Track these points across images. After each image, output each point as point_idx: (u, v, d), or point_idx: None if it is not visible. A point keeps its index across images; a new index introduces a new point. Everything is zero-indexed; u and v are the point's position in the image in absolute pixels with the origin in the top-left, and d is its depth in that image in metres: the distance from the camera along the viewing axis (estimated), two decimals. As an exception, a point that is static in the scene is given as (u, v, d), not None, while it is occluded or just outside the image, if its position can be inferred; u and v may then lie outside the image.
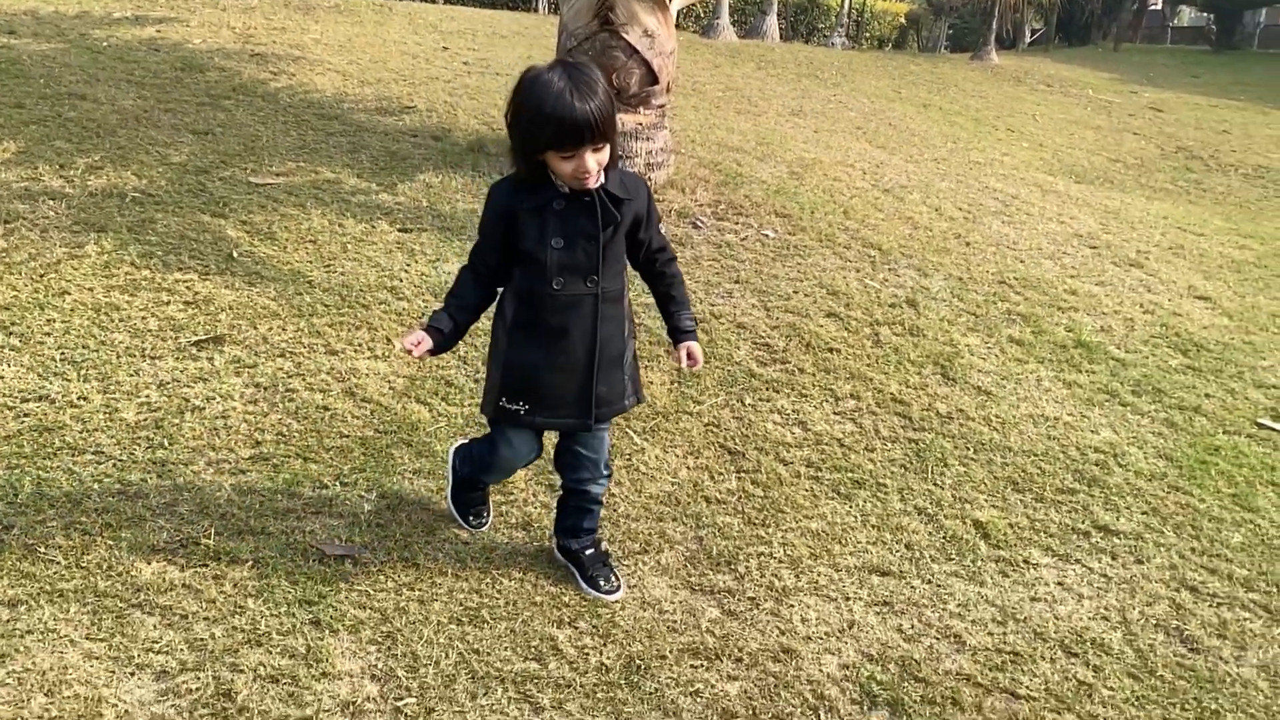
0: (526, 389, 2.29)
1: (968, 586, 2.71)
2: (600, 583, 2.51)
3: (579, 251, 2.20)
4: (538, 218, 2.18)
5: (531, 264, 2.21)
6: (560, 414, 2.32)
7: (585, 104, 2.04)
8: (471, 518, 2.66)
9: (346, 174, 4.76)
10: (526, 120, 2.09)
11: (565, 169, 2.11)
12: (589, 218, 2.20)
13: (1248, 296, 5.36)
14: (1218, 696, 2.42)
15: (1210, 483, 3.37)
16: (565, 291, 2.21)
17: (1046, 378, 3.97)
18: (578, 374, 2.29)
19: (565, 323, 2.24)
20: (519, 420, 2.32)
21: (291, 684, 2.15)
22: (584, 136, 2.06)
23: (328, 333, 3.46)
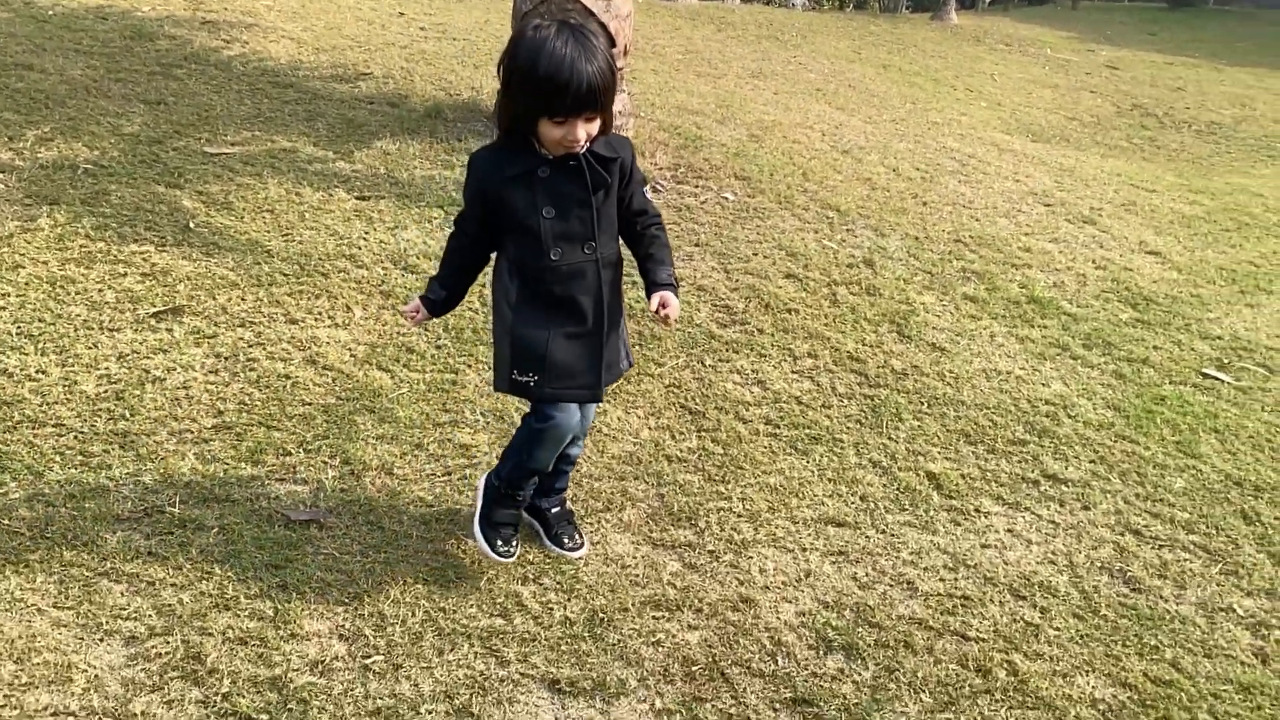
0: (536, 360, 2.19)
1: (920, 535, 2.79)
2: (564, 540, 2.55)
3: (573, 219, 2.12)
4: (524, 187, 2.09)
5: (526, 235, 2.13)
6: (571, 385, 2.24)
7: (591, 67, 1.93)
8: (500, 543, 2.42)
9: (303, 142, 4.73)
10: (523, 82, 1.97)
11: (553, 135, 2.02)
12: (577, 183, 2.11)
13: (1196, 251, 5.48)
14: (1157, 633, 2.53)
15: (1155, 431, 3.47)
16: (564, 261, 2.13)
17: (1000, 333, 4.06)
18: (588, 343, 2.21)
19: (570, 292, 2.17)
20: (530, 393, 2.24)
21: (260, 645, 2.19)
22: (582, 104, 1.96)
23: (287, 302, 3.46)
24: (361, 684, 2.14)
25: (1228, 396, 3.80)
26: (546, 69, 1.92)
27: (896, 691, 2.27)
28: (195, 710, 2.03)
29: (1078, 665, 2.40)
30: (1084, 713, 2.27)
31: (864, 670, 2.32)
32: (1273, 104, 10.70)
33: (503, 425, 3.01)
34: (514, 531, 2.46)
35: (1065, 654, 2.43)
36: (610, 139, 2.15)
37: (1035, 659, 2.40)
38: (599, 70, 1.95)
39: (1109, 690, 2.34)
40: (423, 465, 2.80)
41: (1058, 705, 2.28)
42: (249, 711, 2.04)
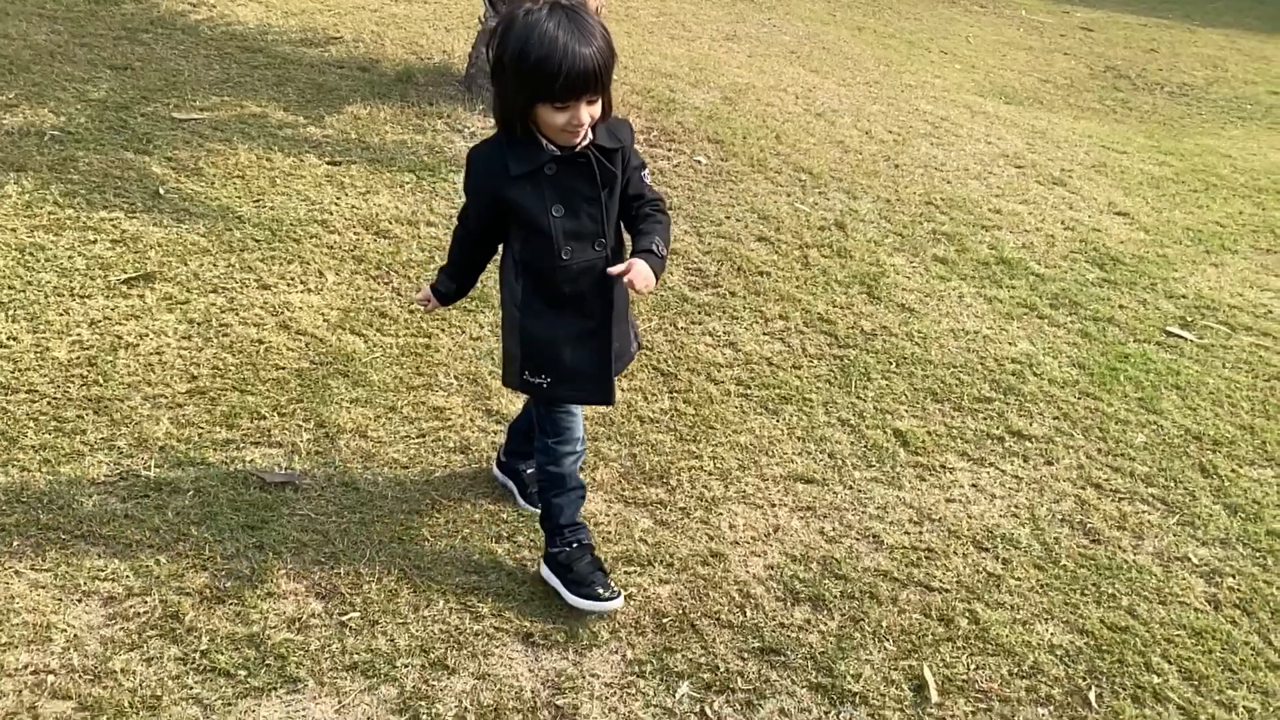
0: (548, 363, 2.16)
1: (887, 491, 2.86)
2: (538, 500, 2.55)
3: (583, 216, 2.06)
4: (531, 185, 2.01)
5: (535, 235, 2.06)
6: (581, 388, 2.22)
7: (587, 48, 1.85)
8: (601, 590, 2.28)
9: (273, 108, 4.69)
10: (516, 69, 1.89)
11: (556, 122, 1.93)
12: (585, 179, 2.04)
13: (1164, 211, 5.55)
14: (1115, 582, 2.61)
15: (1119, 388, 3.55)
16: (575, 260, 2.07)
17: (968, 294, 4.11)
18: (596, 342, 2.17)
19: (580, 290, 2.12)
20: (542, 394, 2.22)
21: (238, 604, 2.23)
22: (584, 86, 1.88)
23: (259, 267, 3.46)
24: (338, 639, 2.18)
25: (1190, 354, 3.88)
26: (540, 53, 1.85)
27: (861, 640, 2.34)
28: (174, 667, 2.07)
29: (1037, 613, 2.48)
30: (1042, 658, 2.34)
31: (830, 620, 2.39)
32: (1244, 65, 10.77)
33: (476, 388, 3.04)
34: (602, 573, 2.32)
35: (1025, 603, 2.51)
36: (611, 125, 2.07)
37: (996, 608, 2.48)
38: (597, 50, 1.87)
39: (1067, 637, 2.42)
40: (397, 428, 2.83)
41: (1017, 651, 2.35)
42: (227, 667, 2.08)
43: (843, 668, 2.25)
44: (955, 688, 2.24)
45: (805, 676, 2.23)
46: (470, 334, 3.29)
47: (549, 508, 2.35)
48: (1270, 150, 7.29)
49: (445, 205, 4.06)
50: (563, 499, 2.33)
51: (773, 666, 2.25)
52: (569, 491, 2.34)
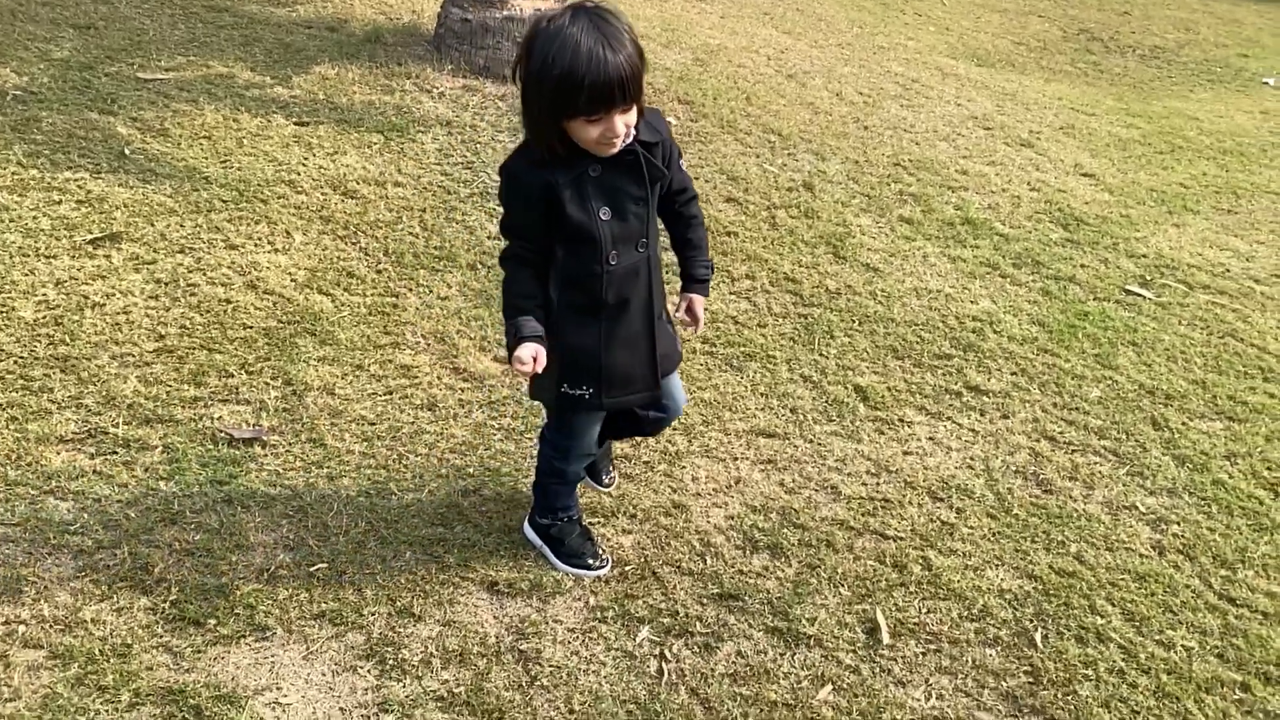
0: (590, 372, 2.06)
1: (846, 444, 2.92)
2: (602, 476, 2.60)
3: (630, 218, 1.95)
4: (576, 190, 1.89)
5: (581, 243, 1.93)
6: (628, 392, 2.12)
7: (614, 56, 1.73)
8: (591, 560, 2.37)
9: (239, 68, 4.66)
10: (540, 83, 1.78)
11: (591, 135, 1.81)
12: (633, 179, 1.93)
13: (1129, 173, 5.62)
14: (1064, 529, 2.70)
15: (1077, 345, 3.62)
16: (620, 265, 1.97)
17: (933, 254, 4.17)
18: (641, 345, 2.08)
19: (623, 295, 2.01)
20: (584, 405, 2.11)
21: (207, 556, 2.27)
22: (615, 97, 1.75)
23: (227, 228, 3.46)
24: (306, 589, 2.23)
25: (1148, 311, 3.96)
26: (564, 64, 1.73)
27: (817, 586, 2.41)
28: (144, 616, 2.11)
29: (988, 560, 2.56)
30: (991, 602, 2.43)
31: (787, 567, 2.46)
32: (1215, 28, 10.82)
33: (443, 346, 3.08)
34: (591, 542, 2.40)
35: (977, 550, 2.59)
36: (648, 117, 1.95)
37: (949, 555, 2.56)
38: (628, 58, 1.75)
39: (1016, 581, 2.50)
40: (364, 385, 2.86)
41: (967, 596, 2.44)
42: (196, 616, 2.13)
43: (798, 612, 2.33)
44: (907, 630, 2.32)
45: (762, 620, 2.30)
46: (438, 293, 3.32)
47: (545, 490, 2.35)
48: (1237, 113, 7.36)
49: (413, 166, 4.07)
50: (561, 488, 2.34)
51: (731, 611, 2.33)
52: (569, 484, 2.35)
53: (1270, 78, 8.85)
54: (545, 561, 2.38)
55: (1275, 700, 2.24)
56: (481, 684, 2.07)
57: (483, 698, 2.04)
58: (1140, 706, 2.20)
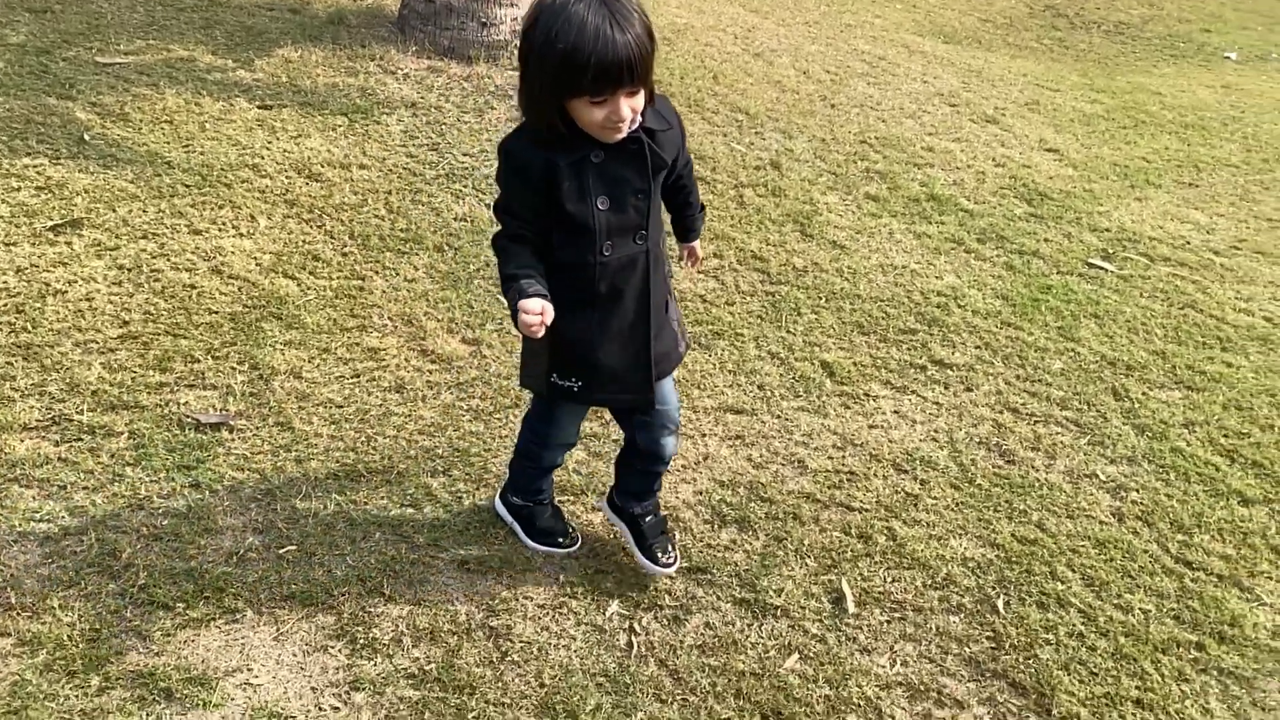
0: (580, 364, 2.00)
1: (813, 419, 2.96)
2: (659, 554, 2.31)
3: (628, 209, 1.87)
4: (575, 175, 1.82)
5: (575, 231, 1.86)
6: (617, 389, 2.05)
7: (622, 35, 1.66)
8: (561, 539, 2.38)
9: (200, 51, 4.61)
10: (542, 60, 1.70)
11: (595, 117, 1.74)
12: (635, 169, 1.85)
13: (1093, 148, 5.68)
14: (1026, 498, 2.75)
15: (1040, 318, 3.68)
16: (615, 256, 1.89)
17: (898, 230, 4.20)
18: (635, 341, 2.01)
19: (617, 286, 1.94)
20: (573, 397, 2.06)
21: (175, 540, 2.27)
22: (621, 77, 1.69)
23: (190, 213, 3.44)
24: (276, 572, 2.24)
25: (1110, 284, 4.02)
26: (568, 40, 1.66)
27: (784, 558, 2.45)
28: (112, 601, 2.11)
29: (952, 529, 2.61)
30: (955, 570, 2.47)
31: (755, 540, 2.49)
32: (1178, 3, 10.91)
33: (410, 329, 3.08)
34: (563, 523, 2.40)
35: (941, 520, 2.63)
36: (656, 106, 1.89)
37: (913, 525, 2.60)
38: (636, 38, 1.68)
39: (979, 550, 2.55)
40: (331, 369, 2.86)
41: (931, 565, 2.48)
42: (165, 600, 2.13)
43: (765, 583, 2.36)
44: (872, 599, 2.37)
45: (730, 593, 2.34)
46: (404, 275, 3.31)
47: (520, 473, 2.33)
48: (1199, 87, 7.45)
49: (378, 148, 4.05)
50: (535, 474, 2.33)
51: (699, 584, 2.36)
52: (543, 470, 2.33)
53: (1232, 52, 8.95)
54: (515, 539, 2.40)
55: (1229, 659, 2.31)
56: (452, 661, 2.09)
57: (454, 674, 2.06)
58: (1099, 668, 2.25)
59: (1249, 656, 2.32)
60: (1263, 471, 2.95)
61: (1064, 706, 2.15)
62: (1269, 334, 3.75)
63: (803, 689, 2.12)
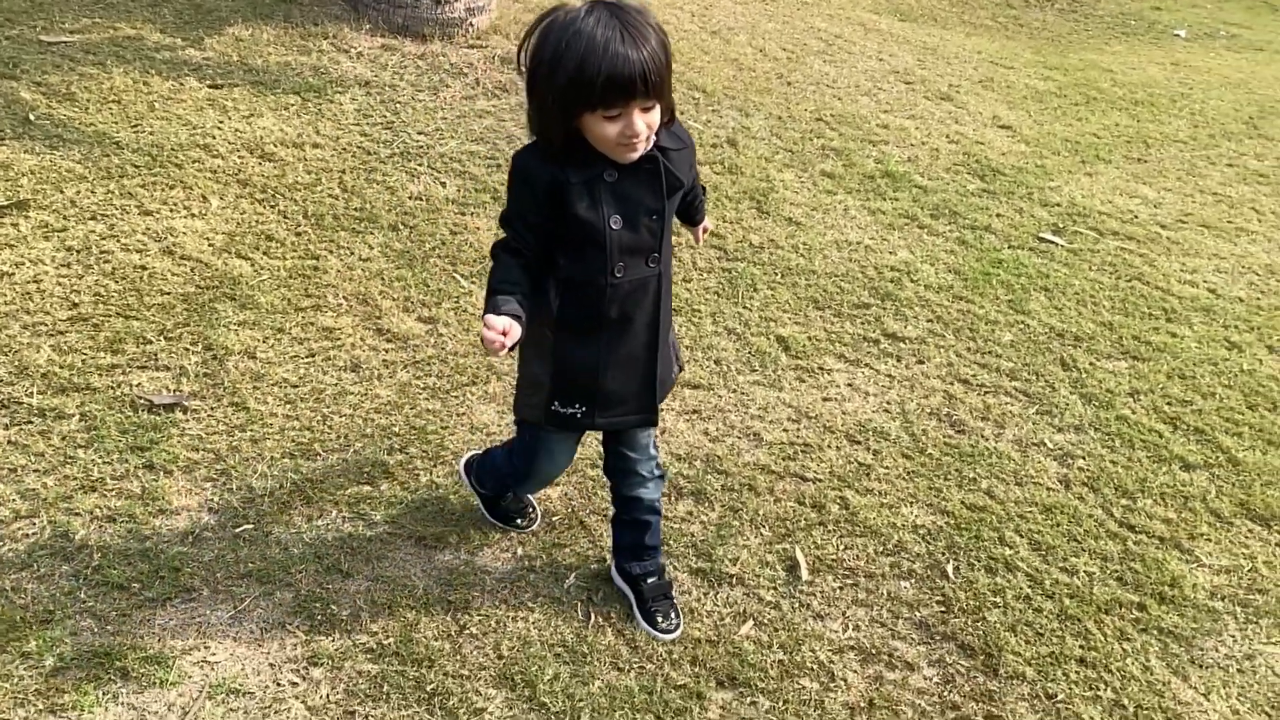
0: (584, 390, 1.93)
1: (768, 393, 3.00)
2: (658, 619, 2.18)
3: (641, 230, 1.82)
4: (588, 193, 1.77)
5: (586, 250, 1.81)
6: (622, 412, 1.99)
7: (638, 52, 1.62)
8: (519, 519, 2.40)
9: (148, 29, 4.53)
10: (550, 74, 1.66)
11: (608, 133, 1.69)
12: (649, 188, 1.81)
13: (1045, 124, 5.76)
14: (976, 467, 2.81)
15: (991, 291, 3.74)
16: (627, 278, 1.84)
17: (853, 206, 4.25)
18: (640, 365, 1.96)
19: (627, 311, 1.88)
20: (574, 425, 1.99)
21: (130, 522, 2.26)
22: (634, 89, 1.64)
23: (140, 193, 3.39)
24: (232, 551, 2.24)
25: (1060, 258, 4.09)
26: (577, 53, 1.62)
27: (739, 528, 2.49)
28: (67, 584, 2.10)
29: (903, 498, 2.66)
30: (906, 537, 2.53)
31: (711, 512, 2.53)
32: (1131, -18, 11.05)
33: (365, 308, 3.07)
34: (524, 505, 2.41)
35: (893, 489, 2.69)
36: (674, 129, 1.87)
37: (866, 494, 2.65)
38: (650, 51, 1.64)
39: (929, 517, 2.61)
40: (286, 348, 2.85)
41: (883, 532, 2.53)
42: (121, 581, 2.12)
43: (721, 553, 2.40)
44: (825, 566, 2.41)
45: (686, 563, 2.37)
46: (359, 255, 3.30)
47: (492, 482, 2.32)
48: (1149, 64, 7.57)
49: (331, 127, 4.01)
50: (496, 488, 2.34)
51: (656, 556, 2.39)
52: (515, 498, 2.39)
53: (1181, 30, 9.10)
54: (473, 513, 2.41)
55: (1169, 618, 2.38)
56: (411, 635, 2.11)
57: (412, 647, 2.08)
58: (1045, 629, 2.32)
59: (1188, 616, 2.40)
60: (1204, 438, 3.04)
61: (1010, 666, 2.21)
62: (1212, 305, 3.85)
63: (757, 654, 2.16)
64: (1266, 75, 7.65)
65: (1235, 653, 2.32)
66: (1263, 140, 5.96)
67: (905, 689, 2.14)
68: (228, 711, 1.91)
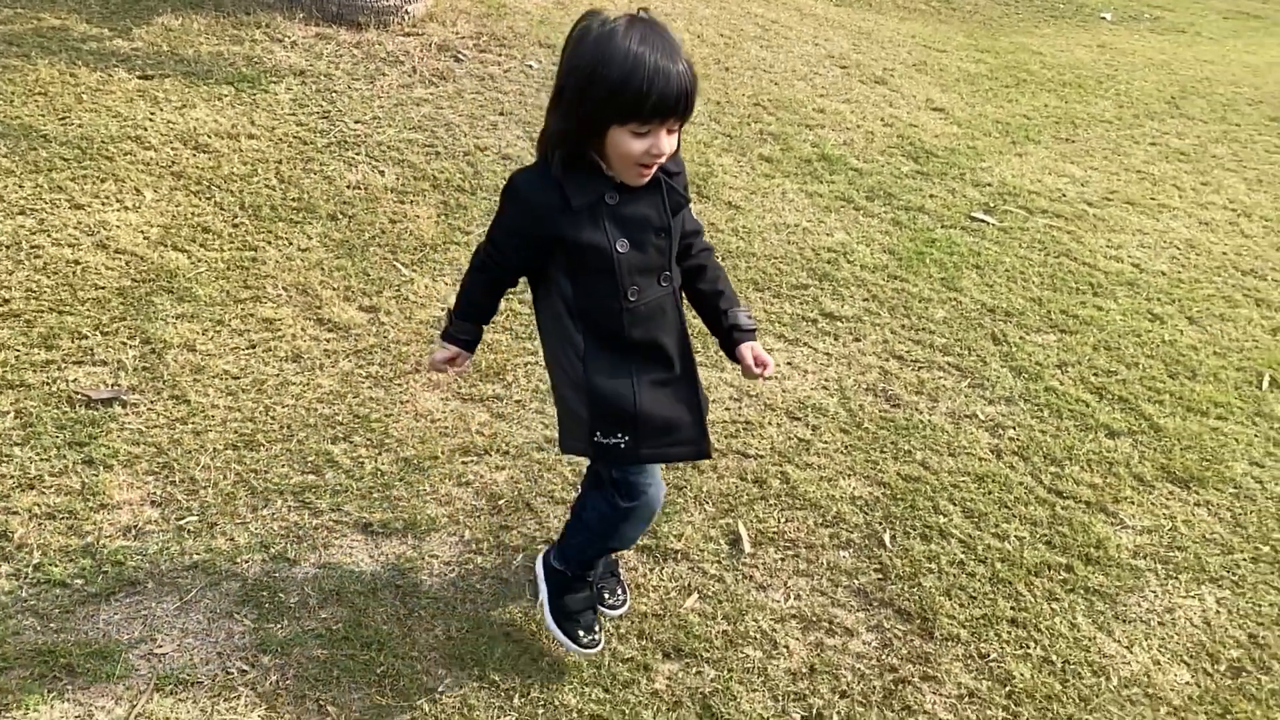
0: (623, 418, 1.84)
1: (710, 373, 3.05)
2: (605, 595, 2.21)
3: (649, 250, 1.79)
4: (590, 218, 1.74)
5: (596, 277, 1.77)
6: (668, 443, 1.89)
7: (676, 66, 1.62)
8: (583, 633, 2.08)
9: (74, 20, 4.43)
10: (590, 87, 1.62)
11: (633, 150, 1.66)
12: (653, 207, 1.78)
13: (977, 106, 5.89)
14: (911, 439, 2.89)
15: (924, 270, 3.84)
16: (642, 301, 1.80)
17: (791, 190, 4.32)
18: (680, 389, 1.89)
19: (651, 335, 1.83)
20: (619, 456, 1.88)
21: (70, 518, 2.24)
22: (674, 106, 1.64)
23: (70, 187, 3.33)
24: (177, 543, 2.23)
25: (991, 236, 4.21)
26: (627, 68, 1.60)
27: (684, 505, 2.54)
28: (6, 583, 2.08)
29: (841, 471, 2.73)
30: (844, 508, 2.60)
31: (654, 490, 2.58)
32: (1058, -34, 11.29)
33: (305, 298, 3.06)
34: (594, 615, 2.12)
35: (831, 462, 2.76)
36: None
37: (805, 468, 2.72)
38: (688, 71, 1.65)
39: (867, 489, 2.68)
40: (226, 340, 2.83)
41: (823, 504, 2.60)
42: (63, 578, 2.11)
43: (666, 529, 2.45)
44: (767, 539, 2.48)
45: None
46: (298, 245, 3.28)
47: (579, 547, 2.07)
48: (1077, 47, 7.77)
49: (266, 117, 3.97)
50: (595, 553, 2.10)
51: (601, 535, 2.43)
52: (609, 551, 2.14)
53: (1108, 13, 9.34)
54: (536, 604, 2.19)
55: (1094, 578, 2.49)
56: (360, 620, 2.13)
57: (362, 632, 2.10)
58: (977, 592, 2.41)
59: (1112, 575, 2.51)
60: (1128, 406, 3.16)
61: (945, 629, 2.30)
62: (1136, 279, 3.99)
63: (702, 626, 2.22)
64: (1188, 56, 7.90)
65: (1156, 607, 2.43)
66: (1184, 119, 6.17)
67: (845, 654, 2.21)
68: (177, 702, 1.92)
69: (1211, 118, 6.26)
